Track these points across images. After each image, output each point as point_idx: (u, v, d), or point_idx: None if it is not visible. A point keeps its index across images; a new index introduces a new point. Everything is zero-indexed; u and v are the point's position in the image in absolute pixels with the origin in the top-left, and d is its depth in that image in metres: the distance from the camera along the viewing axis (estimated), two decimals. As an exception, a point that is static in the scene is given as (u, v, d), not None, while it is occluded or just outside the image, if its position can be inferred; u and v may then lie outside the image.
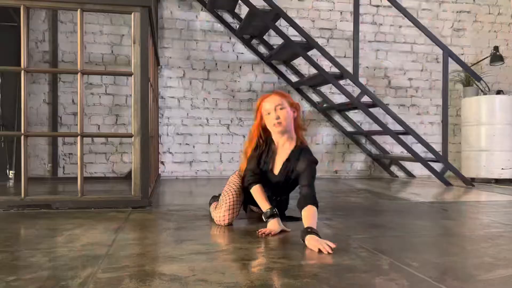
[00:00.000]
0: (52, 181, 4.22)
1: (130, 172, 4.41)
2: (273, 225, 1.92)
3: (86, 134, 2.65)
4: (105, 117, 4.44)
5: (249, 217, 2.34)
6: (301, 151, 2.07)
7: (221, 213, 2.10)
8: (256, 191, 2.05)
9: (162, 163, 4.54)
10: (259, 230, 1.88)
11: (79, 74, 2.51)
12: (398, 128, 4.12)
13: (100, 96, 4.42)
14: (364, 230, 2.03)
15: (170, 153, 4.56)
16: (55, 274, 1.31)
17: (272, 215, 1.94)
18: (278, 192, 2.19)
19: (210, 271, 1.34)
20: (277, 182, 2.13)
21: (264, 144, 2.13)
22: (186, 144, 4.60)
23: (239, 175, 2.23)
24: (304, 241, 1.68)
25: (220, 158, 4.66)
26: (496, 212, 2.60)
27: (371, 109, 4.02)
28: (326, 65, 4.42)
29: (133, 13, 2.55)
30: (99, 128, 4.40)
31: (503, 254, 1.60)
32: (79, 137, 2.52)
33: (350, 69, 4.11)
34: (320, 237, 1.67)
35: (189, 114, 4.60)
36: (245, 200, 2.21)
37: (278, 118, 2.00)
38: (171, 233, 1.91)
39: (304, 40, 3.84)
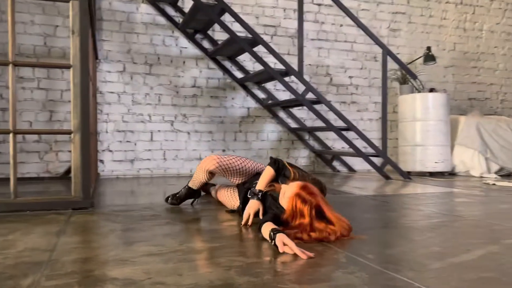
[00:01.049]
0: (-23, 182, 3.87)
1: (66, 172, 4.18)
2: (255, 204, 1.97)
3: (20, 131, 2.45)
4: (38, 113, 4.14)
5: (197, 214, 2.27)
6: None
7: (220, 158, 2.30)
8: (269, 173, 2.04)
9: (102, 161, 4.33)
10: (243, 223, 1.97)
11: (10, 66, 2.31)
12: (340, 124, 4.23)
13: (32, 91, 4.12)
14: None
15: (110, 151, 4.36)
16: (-9, 285, 1.18)
17: (256, 195, 1.99)
18: None
19: (166, 273, 1.27)
20: None
21: None
22: (127, 141, 4.41)
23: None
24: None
25: (164, 156, 4.52)
26: (434, 203, 2.73)
27: (315, 106, 4.10)
28: (271, 61, 4.43)
29: (71, 1, 2.38)
30: (31, 125, 4.10)
31: (449, 243, 1.67)
32: (11, 134, 2.31)
33: (294, 66, 4.15)
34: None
35: (130, 110, 4.42)
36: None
37: None
38: (119, 235, 1.81)
39: (250, 36, 3.81)
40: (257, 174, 2.29)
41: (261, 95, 4.84)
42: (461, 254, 1.50)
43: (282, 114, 4.94)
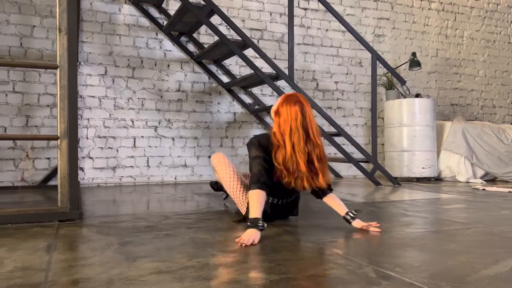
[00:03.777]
0: None
1: (43, 180, 3.94)
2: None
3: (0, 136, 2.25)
4: (13, 118, 3.89)
5: (197, 224, 2.13)
6: None
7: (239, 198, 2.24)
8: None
9: (81, 169, 4.11)
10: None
11: (-10, 65, 2.12)
12: (329, 129, 4.16)
13: (6, 95, 3.87)
14: (324, 233, 1.94)
15: (91, 158, 4.14)
16: (-15, 314, 1.02)
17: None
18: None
19: (186, 295, 1.14)
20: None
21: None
22: (109, 148, 4.21)
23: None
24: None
25: (147, 163, 4.34)
26: (435, 209, 2.68)
27: (305, 111, 4.01)
28: (258, 66, 4.32)
29: (58, -3, 2.21)
30: (5, 130, 3.85)
31: (473, 253, 1.60)
32: (-9, 140, 2.11)
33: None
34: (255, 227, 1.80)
35: (112, 115, 4.22)
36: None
37: None
38: (117, 249, 1.65)
39: (240, 39, 3.70)
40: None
41: (247, 100, 4.73)
42: (492, 266, 1.42)
43: (269, 120, 4.83)
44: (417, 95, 4.87)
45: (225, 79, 4.62)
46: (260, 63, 4.22)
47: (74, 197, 2.24)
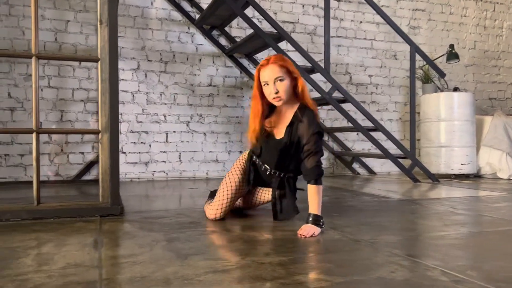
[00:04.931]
0: (-16, 187, 3.64)
1: (78, 175, 3.95)
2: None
3: (43, 130, 2.23)
4: (48, 113, 3.91)
5: (242, 222, 2.07)
6: (304, 111, 1.94)
7: (213, 209, 2.09)
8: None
9: (115, 164, 4.10)
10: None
11: (33, 59, 2.09)
12: (365, 124, 4.04)
13: (42, 90, 3.89)
14: (375, 232, 1.85)
15: (124, 153, 4.14)
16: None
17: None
18: (282, 165, 2.05)
19: (250, 296, 1.07)
20: (280, 151, 1.99)
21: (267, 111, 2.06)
22: (142, 143, 4.20)
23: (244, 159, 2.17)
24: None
25: (179, 158, 4.30)
26: (490, 208, 2.54)
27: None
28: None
29: (99, -12, 2.17)
30: (41, 125, 3.87)
31: (544, 255, 1.49)
32: (34, 134, 2.10)
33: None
34: (318, 222, 1.80)
35: (145, 110, 4.20)
36: (254, 179, 2.13)
37: (277, 92, 1.90)
38: (166, 246, 1.60)
39: (275, 31, 3.62)
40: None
41: (279, 94, 4.63)
42: None
43: (301, 114, 4.74)
44: (455, 89, 4.69)
45: (257, 73, 4.54)
46: (293, 56, 4.12)
47: (115, 192, 2.21)
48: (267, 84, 1.90)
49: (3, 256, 1.47)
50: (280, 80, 1.88)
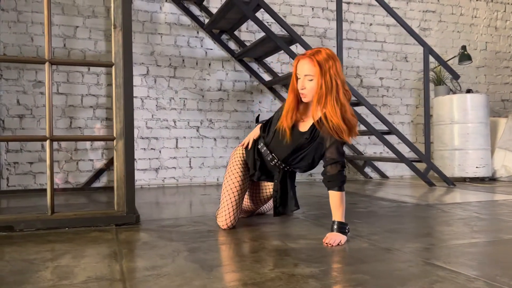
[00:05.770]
0: (-6, 195, 3.59)
1: (87, 183, 3.90)
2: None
3: (57, 137, 2.18)
4: (57, 120, 3.87)
5: (259, 231, 2.00)
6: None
7: (222, 218, 2.02)
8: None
9: (125, 170, 4.04)
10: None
11: (47, 65, 2.04)
12: (378, 128, 3.97)
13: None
14: (405, 240, 1.78)
15: (134, 159, 4.07)
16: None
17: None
18: (291, 159, 1.99)
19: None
20: (297, 144, 1.93)
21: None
22: (152, 149, 4.14)
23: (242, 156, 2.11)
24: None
25: (190, 164, 4.25)
26: None
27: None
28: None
29: (112, -8, 2.13)
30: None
31: None
32: (48, 141, 2.04)
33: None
34: (344, 230, 1.75)
35: (154, 115, 4.15)
36: (261, 170, 2.07)
37: (303, 88, 1.82)
38: (188, 257, 1.54)
39: (287, 34, 3.56)
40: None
41: (290, 98, 4.57)
42: None
43: (311, 118, 4.67)
44: (468, 91, 4.62)
45: (266, 77, 4.49)
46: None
47: (130, 200, 2.15)
48: (299, 78, 1.83)
49: (21, 269, 1.41)
50: (309, 80, 1.79)
